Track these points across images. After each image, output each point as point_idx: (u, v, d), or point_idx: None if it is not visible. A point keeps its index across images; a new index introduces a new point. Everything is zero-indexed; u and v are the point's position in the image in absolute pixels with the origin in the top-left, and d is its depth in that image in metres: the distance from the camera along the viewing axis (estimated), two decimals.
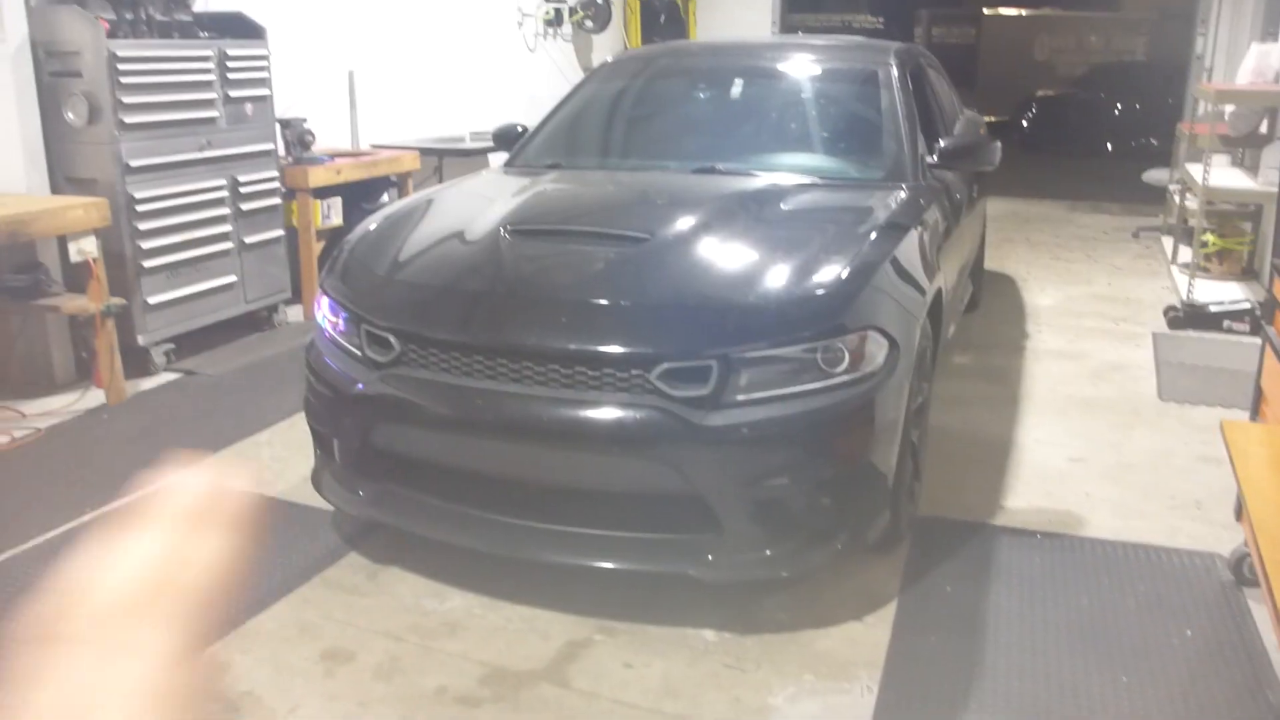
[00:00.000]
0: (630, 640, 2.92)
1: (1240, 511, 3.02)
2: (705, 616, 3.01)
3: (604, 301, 3.01)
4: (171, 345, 5.25)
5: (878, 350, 2.99)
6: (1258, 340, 3.76)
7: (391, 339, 3.11)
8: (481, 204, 3.83)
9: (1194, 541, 3.47)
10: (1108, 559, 3.35)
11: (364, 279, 3.37)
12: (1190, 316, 6.09)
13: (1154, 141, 14.78)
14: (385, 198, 6.63)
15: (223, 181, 5.41)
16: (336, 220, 6.22)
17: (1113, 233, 9.39)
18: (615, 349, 2.88)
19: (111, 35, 4.80)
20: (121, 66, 4.78)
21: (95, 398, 4.75)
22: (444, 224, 3.67)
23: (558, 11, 9.45)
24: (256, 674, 2.75)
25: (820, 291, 3.04)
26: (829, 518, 2.97)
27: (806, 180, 4.06)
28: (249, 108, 5.54)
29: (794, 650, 2.87)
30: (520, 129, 4.85)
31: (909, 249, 3.43)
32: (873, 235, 3.37)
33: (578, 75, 9.44)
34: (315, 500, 3.53)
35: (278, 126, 5.88)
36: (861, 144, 4.42)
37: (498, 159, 4.82)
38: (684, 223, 3.43)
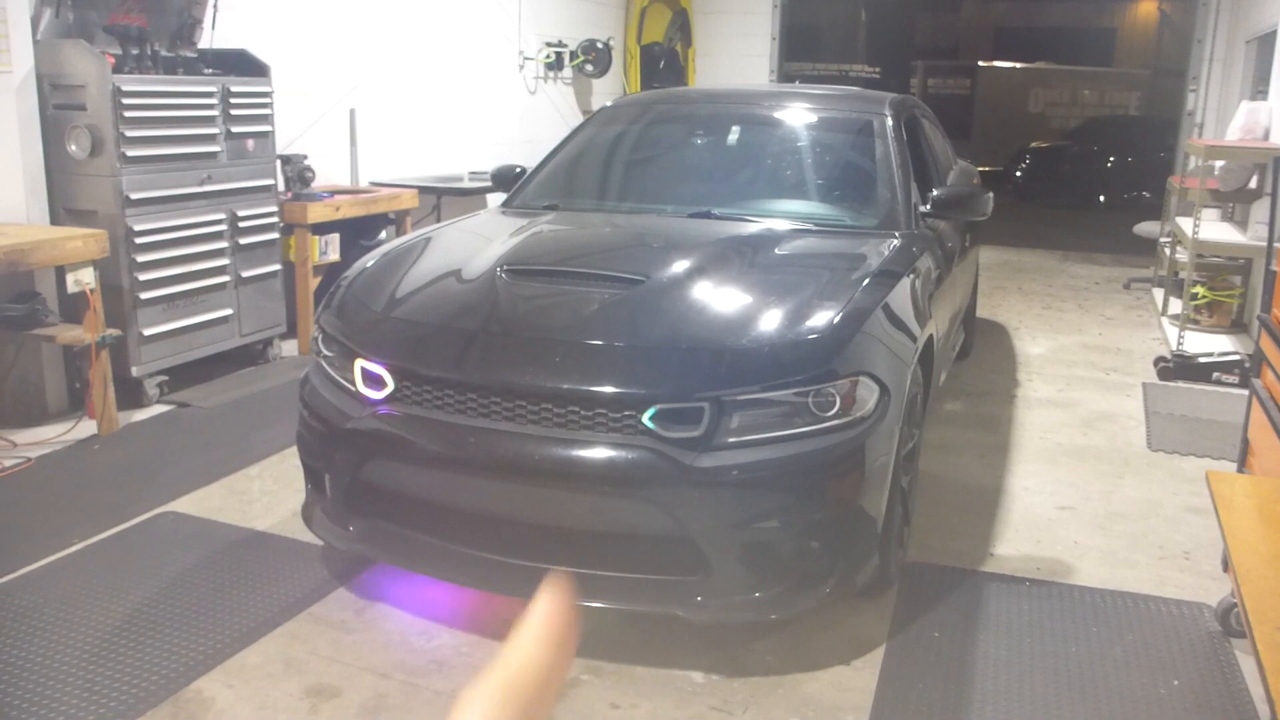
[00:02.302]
0: (618, 681, 2.91)
1: (1227, 562, 3.04)
2: (693, 658, 3.01)
3: (598, 342, 3.03)
4: (165, 377, 5.26)
5: (869, 395, 3.01)
6: (1246, 392, 3.79)
7: (386, 375, 3.13)
8: (479, 243, 3.86)
9: (1182, 591, 3.48)
10: (1096, 608, 3.36)
11: (360, 315, 3.39)
12: (1180, 368, 6.14)
13: (1146, 194, 14.94)
14: (383, 235, 6.68)
15: (222, 215, 5.45)
16: (334, 256, 6.25)
17: (1104, 283, 9.46)
18: (608, 389, 2.90)
19: (117, 70, 4.86)
20: (126, 101, 4.84)
21: (87, 428, 4.75)
22: (441, 263, 3.70)
23: (559, 55, 9.57)
24: (240, 710, 2.74)
25: (813, 336, 3.06)
26: (818, 561, 2.97)
27: (800, 227, 4.10)
28: (250, 143, 5.59)
29: (781, 694, 2.86)
30: (519, 170, 4.90)
31: (901, 296, 3.47)
32: (865, 282, 3.41)
33: (577, 118, 9.55)
34: (305, 535, 3.54)
35: (278, 162, 5.93)
36: (855, 192, 4.47)
37: (496, 199, 4.86)
38: (679, 266, 3.47)
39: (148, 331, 5.11)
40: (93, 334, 4.60)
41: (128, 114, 4.85)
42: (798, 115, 4.85)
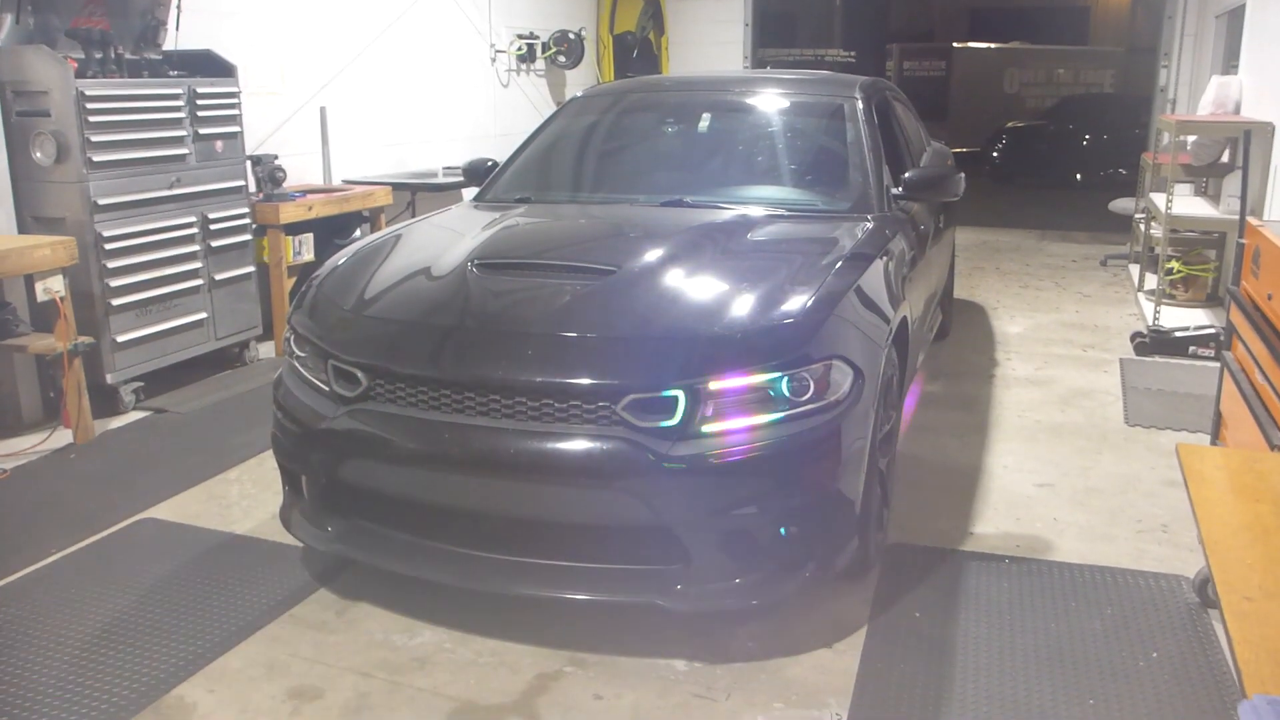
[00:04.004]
0: (601, 672, 2.91)
1: None
2: (676, 647, 3.01)
3: (571, 334, 3.02)
4: (141, 383, 5.23)
5: (843, 379, 3.01)
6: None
7: (359, 374, 3.12)
8: (450, 239, 3.85)
9: (1160, 564, 3.51)
10: (1075, 583, 3.37)
11: (331, 314, 3.38)
12: (1156, 342, 6.17)
13: (1122, 171, 15.02)
14: (358, 233, 6.65)
15: (193, 218, 5.42)
16: (308, 256, 6.23)
17: (1081, 261, 9.51)
18: (582, 381, 2.89)
19: (80, 75, 4.82)
20: (90, 106, 4.80)
21: (63, 437, 4.72)
22: (412, 259, 3.68)
23: (530, 47, 9.54)
24: (222, 715, 2.72)
25: (786, 322, 3.06)
26: (797, 546, 2.98)
27: (773, 212, 4.10)
28: (219, 145, 5.55)
29: (764, 679, 2.87)
30: (490, 164, 4.89)
31: (873, 279, 3.47)
32: (837, 266, 3.41)
33: (551, 110, 9.51)
34: (284, 537, 3.52)
35: (248, 163, 5.89)
36: (827, 176, 4.47)
37: (470, 194, 4.85)
38: (651, 255, 3.46)
39: (121, 338, 5.08)
40: (64, 342, 4.57)
41: (93, 119, 4.81)
42: (769, 101, 4.85)
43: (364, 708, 2.76)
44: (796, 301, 3.13)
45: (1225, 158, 7.12)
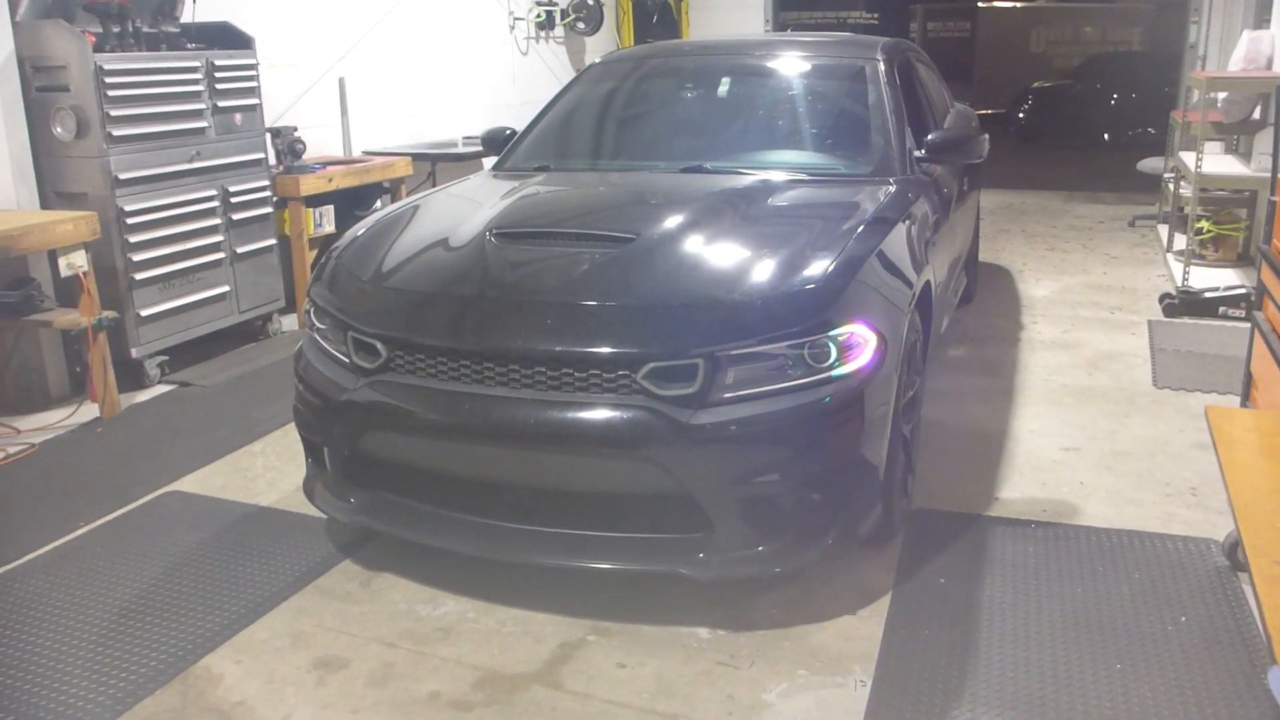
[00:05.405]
0: (624, 640, 2.91)
1: None
2: (699, 615, 3.00)
3: (590, 303, 3.00)
4: (165, 357, 5.26)
5: (865, 345, 2.97)
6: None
7: (378, 345, 3.11)
8: (468, 208, 3.83)
9: (1189, 527, 3.47)
10: (1102, 547, 3.34)
11: (351, 286, 3.37)
12: (1186, 304, 6.08)
13: (1151, 130, 14.77)
14: (378, 204, 6.64)
15: (213, 192, 5.43)
16: (329, 228, 6.23)
17: (1109, 222, 9.38)
18: (601, 350, 2.87)
19: (98, 49, 4.82)
20: (109, 80, 4.80)
21: (89, 411, 4.75)
22: (430, 229, 3.67)
23: (549, 14, 9.46)
24: (248, 685, 2.75)
25: (807, 287, 3.03)
26: (820, 513, 2.96)
27: (794, 177, 4.05)
28: (238, 117, 5.54)
29: (787, 646, 2.86)
30: (509, 132, 4.86)
31: (895, 243, 3.42)
32: (859, 230, 3.37)
33: (571, 77, 9.45)
34: (308, 509, 3.54)
35: (268, 136, 5.88)
36: (849, 139, 4.41)
37: (490, 163, 4.82)
38: (670, 222, 3.43)
39: (145, 312, 5.10)
40: (89, 317, 4.59)
41: (111, 93, 4.82)
42: (789, 64, 4.78)
43: (389, 677, 2.77)
44: (818, 267, 3.10)
45: (1257, 114, 6.98)
